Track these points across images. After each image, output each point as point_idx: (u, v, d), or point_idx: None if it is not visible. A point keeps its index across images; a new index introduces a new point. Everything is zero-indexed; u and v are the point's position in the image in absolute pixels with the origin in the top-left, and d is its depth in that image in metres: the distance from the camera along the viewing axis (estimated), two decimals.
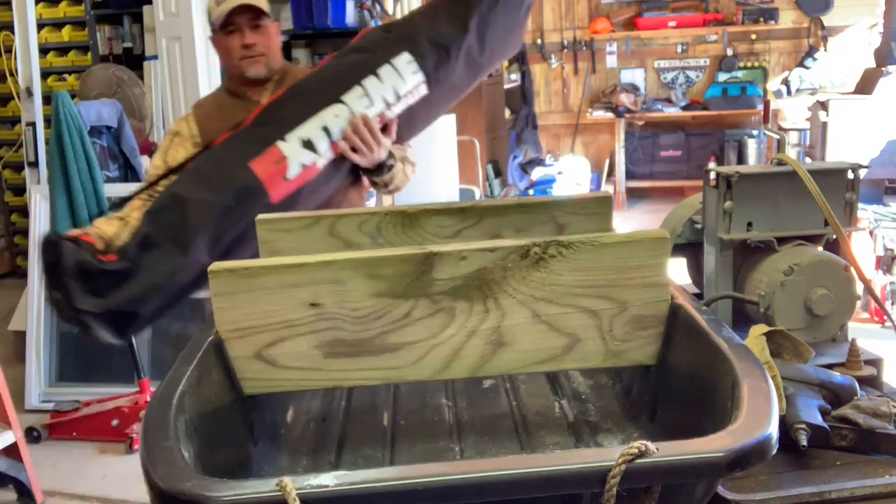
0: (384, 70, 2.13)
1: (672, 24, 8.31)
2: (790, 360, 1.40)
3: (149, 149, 4.68)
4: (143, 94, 4.98)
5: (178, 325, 4.05)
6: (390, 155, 2.20)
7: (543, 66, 8.82)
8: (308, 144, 2.04)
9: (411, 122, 2.22)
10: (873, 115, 4.84)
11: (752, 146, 7.99)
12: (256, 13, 2.25)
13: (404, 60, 2.15)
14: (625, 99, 8.31)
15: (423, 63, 2.15)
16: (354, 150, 2.10)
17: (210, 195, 1.95)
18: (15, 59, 4.72)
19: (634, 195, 8.50)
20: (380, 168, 2.20)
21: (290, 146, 2.03)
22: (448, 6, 2.24)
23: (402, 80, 2.14)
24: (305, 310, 1.26)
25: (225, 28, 2.25)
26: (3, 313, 4.98)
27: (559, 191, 7.80)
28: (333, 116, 2.07)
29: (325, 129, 2.06)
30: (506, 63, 8.25)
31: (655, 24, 8.36)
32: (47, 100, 4.55)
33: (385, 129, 2.15)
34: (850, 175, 1.65)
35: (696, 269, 1.90)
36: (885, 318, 2.62)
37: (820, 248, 1.65)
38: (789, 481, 1.23)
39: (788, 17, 8.19)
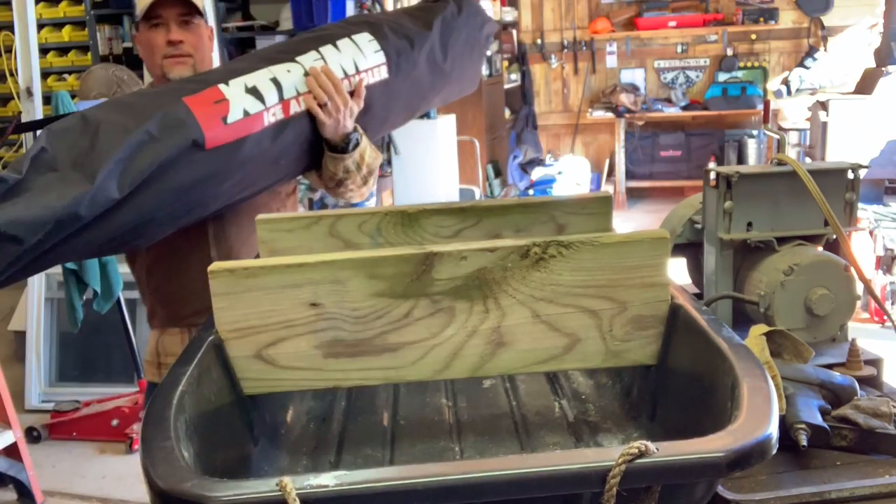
0: (343, 42, 1.93)
1: (672, 24, 8.32)
2: (790, 360, 1.40)
3: None
4: None
5: None
6: (355, 128, 1.95)
7: (543, 66, 8.83)
8: (254, 91, 1.75)
9: (369, 109, 1.97)
10: (873, 115, 4.84)
11: (752, 146, 8.00)
12: (188, 7, 1.98)
13: (365, 38, 1.97)
14: (625, 99, 8.32)
15: (385, 45, 1.98)
16: (320, 105, 1.84)
17: (128, 120, 1.59)
18: (15, 59, 4.72)
19: (634, 195, 8.50)
20: (346, 143, 1.93)
21: (232, 89, 1.74)
22: (412, 11, 2.16)
23: (363, 54, 1.94)
24: (305, 310, 1.26)
25: (149, 21, 1.97)
26: (3, 313, 4.98)
27: (559, 191, 7.81)
28: (285, 72, 1.82)
29: (275, 82, 1.79)
30: (506, 63, 8.26)
31: (655, 24, 8.37)
32: (47, 100, 4.56)
33: (352, 94, 1.91)
34: (850, 175, 1.65)
35: (696, 269, 1.90)
36: (885, 318, 2.62)
37: (820, 248, 1.65)
38: (789, 481, 1.23)
39: (788, 17, 8.20)
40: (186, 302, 2.01)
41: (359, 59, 1.94)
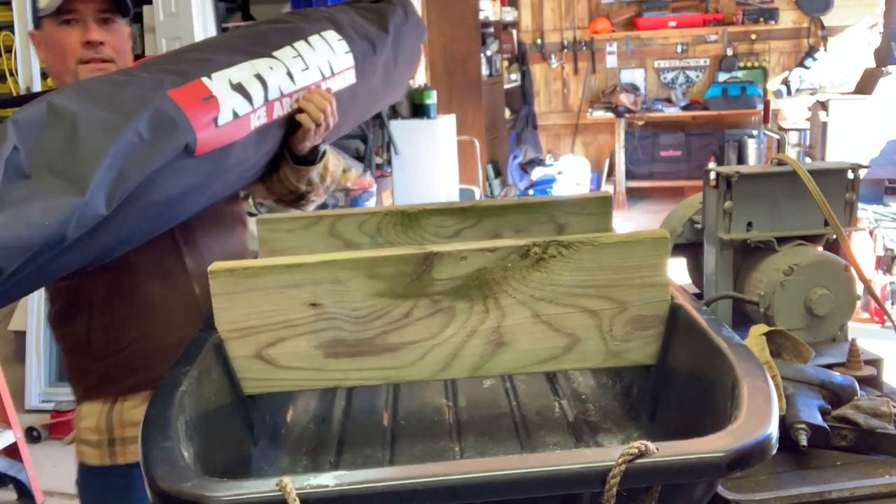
0: (315, 39, 1.68)
1: (672, 24, 8.32)
2: (790, 360, 1.40)
3: None
4: None
5: None
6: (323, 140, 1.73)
7: (543, 66, 8.83)
8: (240, 89, 1.47)
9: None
10: (873, 115, 4.84)
11: (752, 146, 8.00)
12: (109, 2, 1.64)
13: (334, 37, 1.72)
14: (625, 99, 8.32)
15: (353, 47, 1.74)
16: (312, 119, 1.61)
17: (111, 115, 1.27)
18: (15, 59, 4.72)
19: (634, 195, 8.50)
20: (314, 154, 1.71)
21: (217, 85, 1.44)
22: (359, 9, 1.88)
23: (335, 55, 1.70)
24: (305, 310, 1.26)
25: (60, 16, 1.59)
26: (4, 313, 4.97)
27: (559, 191, 7.81)
28: (268, 68, 1.55)
29: (260, 79, 1.52)
30: (506, 63, 8.26)
31: (655, 24, 8.37)
32: None
33: None
34: (850, 175, 1.65)
35: (696, 269, 1.90)
36: (885, 318, 2.62)
37: (820, 248, 1.65)
38: (789, 481, 1.23)
39: (788, 17, 8.20)
40: (169, 356, 1.47)
41: (333, 60, 1.71)
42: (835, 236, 1.64)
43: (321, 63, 1.67)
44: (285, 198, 1.81)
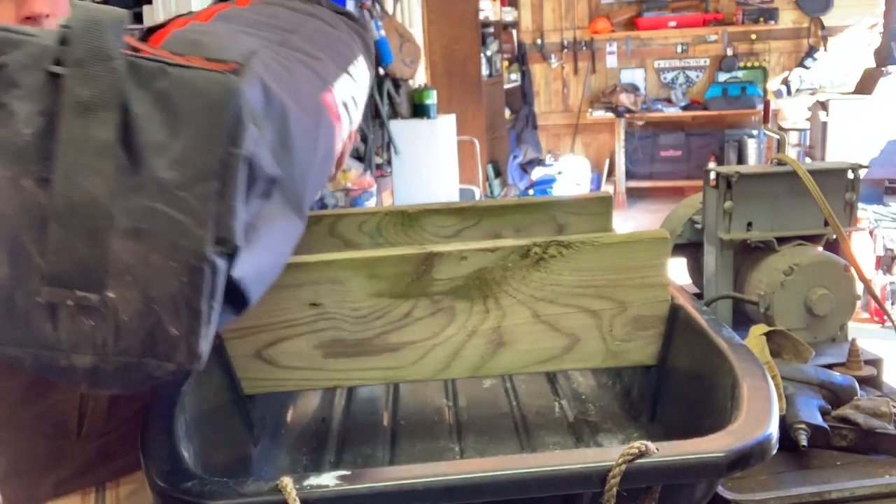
0: (359, 60, 1.30)
1: (672, 24, 8.33)
2: (790, 360, 1.40)
3: None
4: None
5: None
6: None
7: (543, 66, 8.83)
8: (346, 110, 1.14)
9: None
10: (873, 115, 4.85)
11: (752, 146, 8.01)
12: None
13: (364, 66, 1.32)
14: (625, 99, 8.33)
15: (370, 81, 1.37)
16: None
17: (304, 116, 0.92)
18: None
19: (634, 195, 8.51)
20: None
21: (338, 99, 1.10)
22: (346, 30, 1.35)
23: (365, 84, 1.33)
24: (305, 309, 1.26)
25: None
26: None
27: (559, 191, 7.82)
28: (354, 89, 1.20)
29: (354, 101, 1.19)
30: (506, 63, 8.26)
31: (655, 24, 8.38)
32: None
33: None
34: (850, 175, 1.65)
35: (696, 269, 1.90)
36: (885, 318, 2.62)
37: (820, 248, 1.65)
38: (789, 481, 1.23)
39: (788, 17, 8.21)
40: None
41: (363, 92, 1.32)
42: (835, 236, 1.65)
43: (363, 93, 1.31)
44: None
